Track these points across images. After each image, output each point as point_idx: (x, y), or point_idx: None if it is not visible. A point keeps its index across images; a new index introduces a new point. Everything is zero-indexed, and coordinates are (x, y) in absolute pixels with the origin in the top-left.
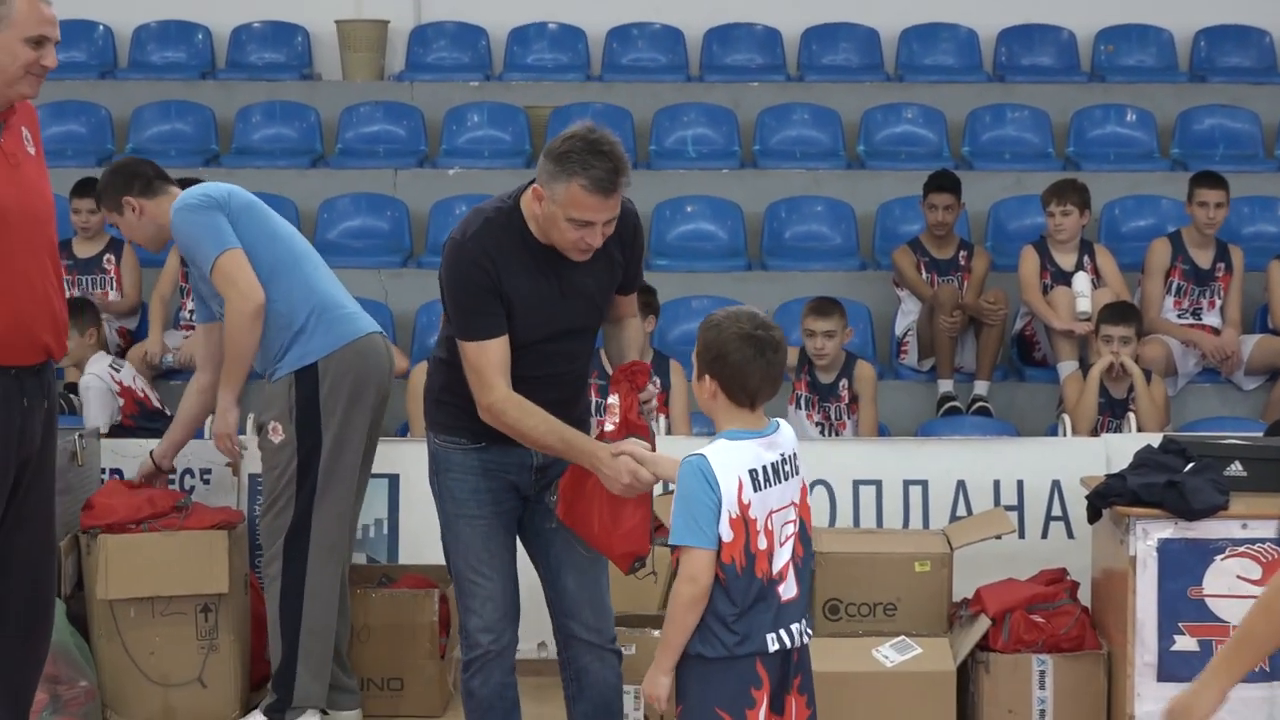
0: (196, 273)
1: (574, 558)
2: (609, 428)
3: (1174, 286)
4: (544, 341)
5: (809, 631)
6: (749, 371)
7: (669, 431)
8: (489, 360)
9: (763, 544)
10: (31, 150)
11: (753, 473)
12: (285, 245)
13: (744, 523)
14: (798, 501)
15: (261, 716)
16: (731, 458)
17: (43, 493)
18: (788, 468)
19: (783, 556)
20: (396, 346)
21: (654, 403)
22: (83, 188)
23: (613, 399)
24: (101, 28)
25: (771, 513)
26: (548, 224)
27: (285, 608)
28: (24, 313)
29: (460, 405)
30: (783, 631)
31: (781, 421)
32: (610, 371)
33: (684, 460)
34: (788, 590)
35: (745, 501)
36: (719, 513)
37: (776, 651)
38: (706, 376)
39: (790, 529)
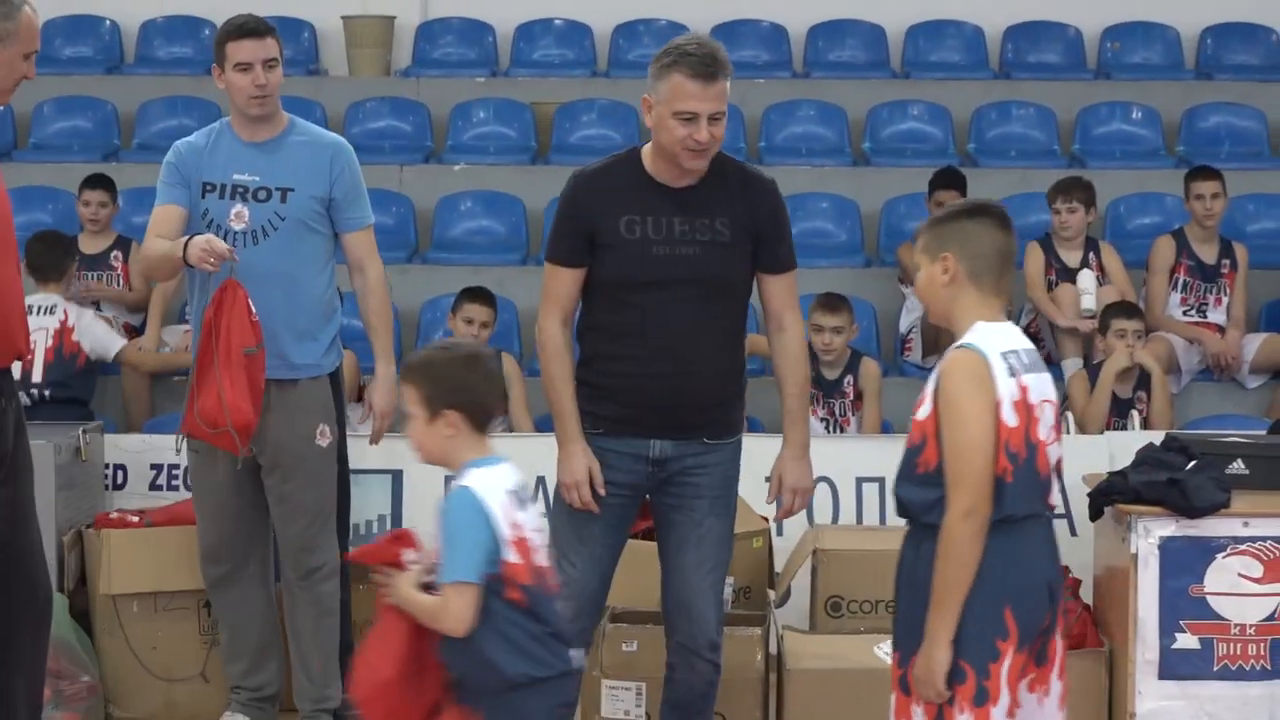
0: (316, 206)
1: (682, 560)
2: None
3: (1180, 283)
4: (646, 286)
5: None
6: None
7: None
8: (554, 285)
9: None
10: None
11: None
12: None
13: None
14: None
15: None
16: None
17: (22, 491)
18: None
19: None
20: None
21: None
22: (93, 181)
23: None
24: (108, 23)
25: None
26: (658, 131)
27: (344, 619)
28: (3, 316)
29: (591, 383)
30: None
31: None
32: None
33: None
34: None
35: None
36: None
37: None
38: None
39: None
